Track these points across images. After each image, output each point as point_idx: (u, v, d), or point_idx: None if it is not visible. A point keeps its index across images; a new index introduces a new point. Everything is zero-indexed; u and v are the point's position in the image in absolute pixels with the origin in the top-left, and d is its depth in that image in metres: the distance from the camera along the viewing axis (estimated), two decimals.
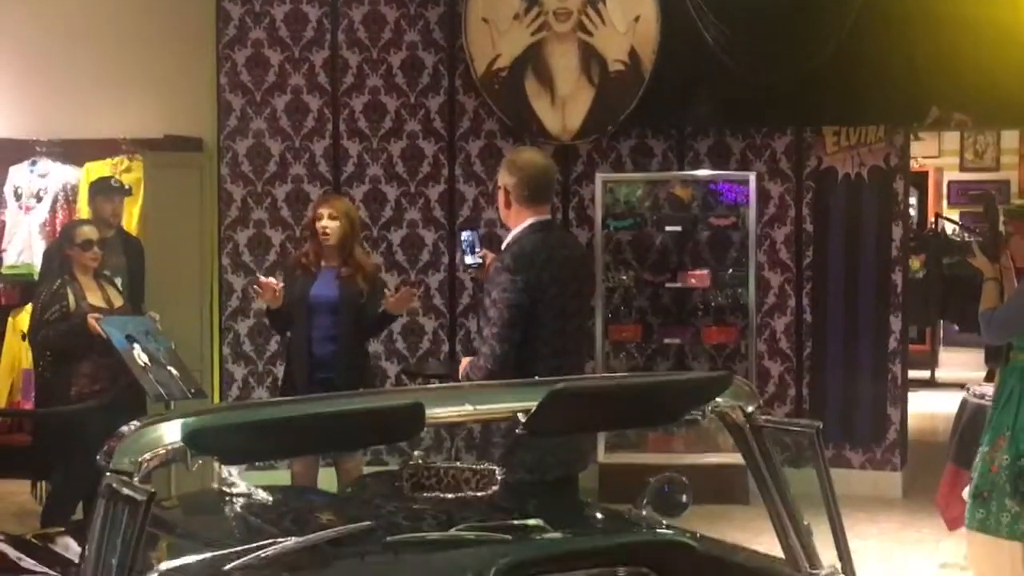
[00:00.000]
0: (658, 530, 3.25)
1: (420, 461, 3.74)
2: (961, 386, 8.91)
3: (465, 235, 5.51)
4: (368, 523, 3.27)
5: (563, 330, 4.81)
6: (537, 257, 4.70)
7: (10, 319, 8.37)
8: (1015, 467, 5.15)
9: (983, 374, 11.14)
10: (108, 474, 2.37)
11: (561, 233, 5.71)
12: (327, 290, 6.23)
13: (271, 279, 6.29)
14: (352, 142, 8.61)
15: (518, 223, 4.79)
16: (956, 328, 13.26)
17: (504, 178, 4.84)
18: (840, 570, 2.90)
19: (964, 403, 6.19)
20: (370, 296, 6.30)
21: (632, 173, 8.60)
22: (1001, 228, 5.57)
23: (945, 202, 15.08)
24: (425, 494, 3.59)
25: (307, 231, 6.65)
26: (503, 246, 4.87)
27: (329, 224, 6.23)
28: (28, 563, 3.37)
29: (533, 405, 2.70)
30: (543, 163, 5.02)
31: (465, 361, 4.95)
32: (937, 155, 14.80)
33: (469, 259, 5.39)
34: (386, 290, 6.30)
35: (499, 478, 3.46)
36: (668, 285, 8.35)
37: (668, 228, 8.38)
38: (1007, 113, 8.71)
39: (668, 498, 3.29)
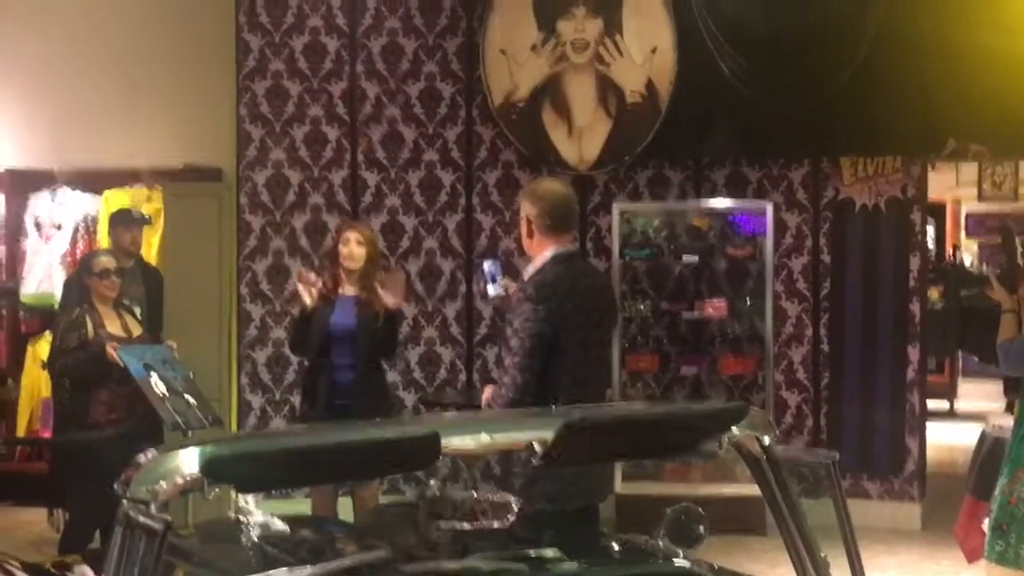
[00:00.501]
0: (675, 561, 3.24)
1: (437, 491, 3.74)
2: (980, 417, 8.90)
3: (487, 265, 5.48)
4: (384, 553, 3.27)
5: (585, 359, 4.81)
6: (560, 287, 4.70)
7: (30, 347, 8.40)
8: None
9: (1003, 405, 11.11)
10: (125, 502, 2.38)
11: (583, 263, 5.71)
12: (345, 318, 6.24)
13: (312, 275, 6.30)
14: (370, 172, 8.64)
15: (540, 253, 4.79)
16: (975, 359, 13.23)
17: (526, 208, 4.85)
18: None
19: (983, 435, 6.17)
20: (388, 322, 6.32)
21: (649, 203, 8.60)
22: (1019, 260, 5.55)
23: (963, 233, 15.06)
24: (441, 524, 3.58)
25: (327, 258, 6.66)
26: (526, 276, 4.86)
27: (356, 250, 6.26)
28: None
29: (550, 435, 2.70)
30: (564, 192, 5.01)
31: (488, 390, 4.95)
32: (955, 186, 14.79)
33: (492, 289, 5.39)
34: (376, 283, 6.28)
35: (516, 508, 3.46)
36: (685, 315, 8.34)
37: (685, 258, 8.37)
38: None
39: (685, 529, 3.27)
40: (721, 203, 8.47)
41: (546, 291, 4.67)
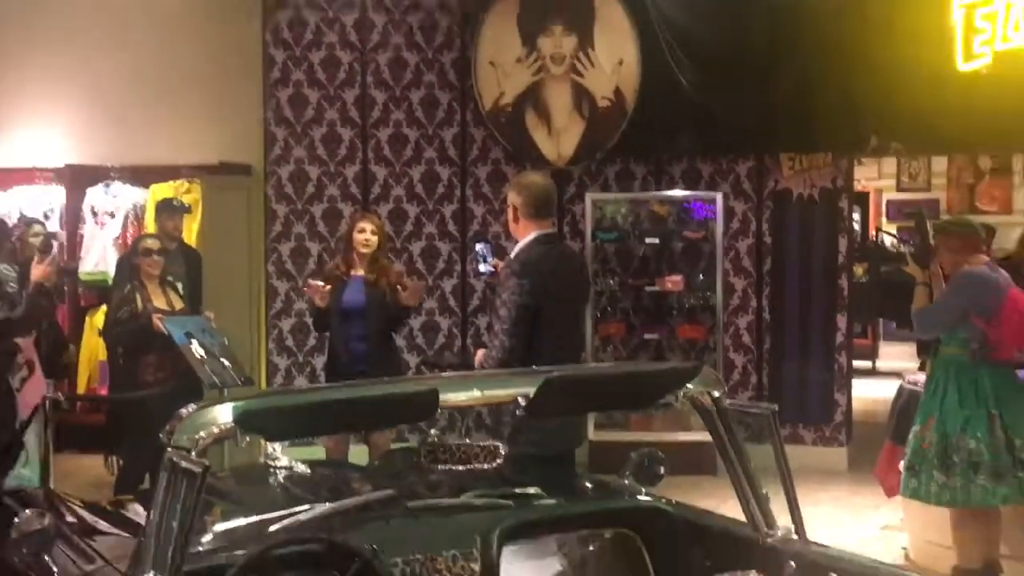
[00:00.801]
0: (639, 497, 3.25)
1: (436, 439, 3.75)
2: (898, 374, 8.90)
3: (479, 247, 5.52)
4: (391, 491, 3.28)
5: (563, 326, 4.82)
6: (542, 264, 4.69)
7: (88, 318, 8.39)
8: (942, 444, 5.16)
9: (917, 364, 11.15)
10: (170, 450, 2.39)
11: (562, 244, 5.71)
12: (356, 297, 6.22)
13: (318, 282, 6.30)
14: (379, 167, 8.62)
15: (525, 235, 4.78)
16: (893, 325, 13.26)
17: (512, 197, 4.84)
18: (793, 532, 2.90)
19: (900, 389, 6.19)
20: (394, 299, 6.32)
21: (617, 193, 8.59)
22: (930, 240, 5.55)
23: (884, 218, 15.08)
24: (440, 467, 3.59)
25: (342, 243, 6.64)
26: (512, 255, 4.85)
27: (371, 238, 6.26)
28: (103, 526, 3.38)
29: (531, 391, 2.71)
30: (545, 183, 4.99)
31: (480, 353, 4.94)
32: (877, 177, 14.81)
33: (483, 267, 5.42)
34: (398, 285, 6.29)
35: (503, 453, 3.47)
36: (648, 289, 8.33)
37: (648, 240, 8.37)
38: (936, 141, 8.72)
39: (647, 470, 3.29)
40: (678, 193, 8.47)
41: (530, 268, 4.67)
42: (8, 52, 8.57)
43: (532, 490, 3.31)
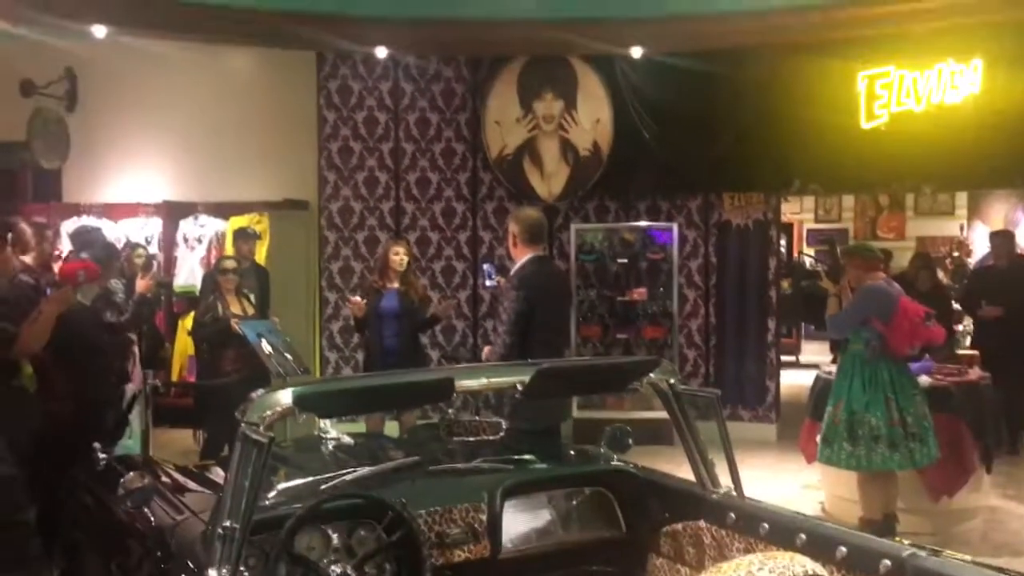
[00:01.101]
0: (612, 463, 3.24)
1: (453, 416, 3.74)
2: (816, 366, 8.92)
3: (486, 266, 5.71)
4: (417, 458, 3.27)
5: (551, 328, 4.84)
6: (535, 279, 4.73)
7: (180, 322, 8.38)
8: (849, 421, 5.16)
9: (830, 359, 11.14)
10: (243, 424, 2.38)
11: (551, 264, 5.72)
12: (392, 304, 6.23)
13: (357, 298, 6.31)
14: (408, 203, 8.62)
15: (521, 256, 4.82)
16: (812, 327, 13.25)
17: (512, 227, 4.89)
18: (733, 490, 2.90)
19: (817, 378, 6.19)
20: (420, 306, 6.33)
21: (595, 224, 8.59)
22: (840, 261, 5.55)
23: (804, 243, 15.08)
24: (456, 438, 3.58)
25: (380, 262, 6.65)
26: (512, 272, 4.89)
27: (403, 258, 6.30)
28: (191, 485, 3.38)
29: (527, 378, 2.71)
30: (538, 216, 5.05)
31: (487, 349, 5.00)
32: (799, 211, 14.82)
33: (489, 282, 5.54)
34: (433, 300, 6.32)
35: (504, 427, 3.46)
36: (619, 299, 8.32)
37: (619, 260, 8.35)
38: (845, 183, 8.75)
39: (618, 441, 3.28)
40: (643, 224, 8.45)
41: (525, 282, 4.69)
42: (119, 110, 8.59)
43: (528, 457, 3.31)
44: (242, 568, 2.32)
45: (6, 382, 4.51)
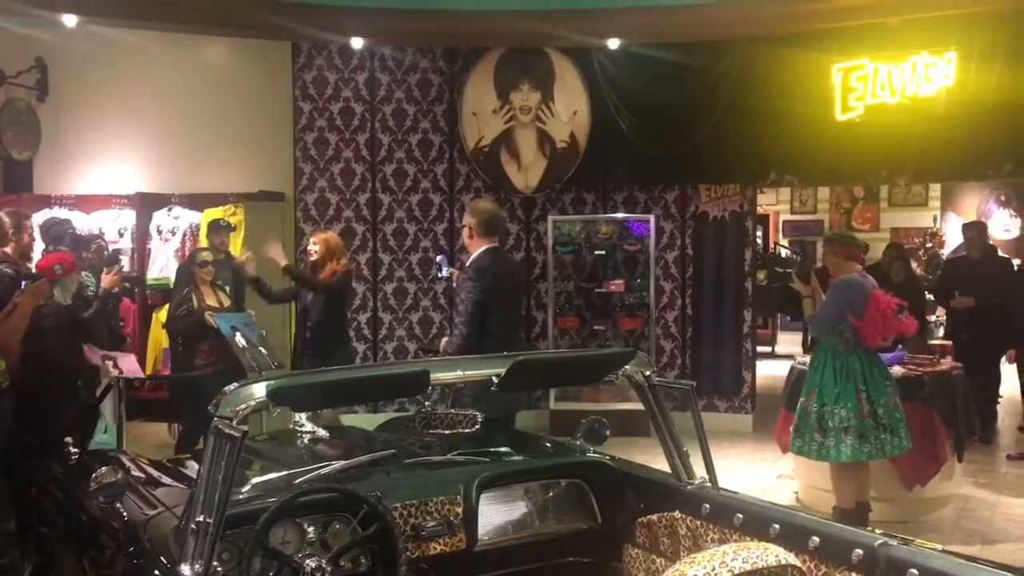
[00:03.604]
0: (588, 454, 3.25)
1: (428, 409, 3.73)
2: (790, 357, 8.98)
3: (440, 258, 5.80)
4: (393, 450, 3.27)
5: (507, 317, 4.89)
6: (490, 270, 4.78)
7: (154, 314, 8.31)
8: (820, 413, 5.19)
9: (803, 349, 11.21)
10: (216, 418, 2.36)
11: (505, 255, 5.75)
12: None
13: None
14: (384, 195, 8.59)
15: (477, 248, 4.88)
16: (788, 318, 13.34)
17: (468, 219, 4.94)
18: (708, 481, 2.91)
19: (792, 368, 6.22)
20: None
21: (572, 216, 8.60)
22: (809, 265, 5.60)
23: (781, 235, 15.17)
24: (431, 431, 3.58)
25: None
26: (467, 263, 4.94)
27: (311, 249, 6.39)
28: (165, 479, 3.36)
29: (502, 371, 2.70)
30: (494, 209, 5.12)
31: (444, 340, 5.08)
32: (775, 203, 14.90)
33: (442, 273, 5.59)
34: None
35: (480, 420, 3.45)
36: (596, 290, 8.35)
37: (596, 252, 8.39)
38: (821, 175, 8.78)
39: (595, 433, 3.29)
40: (620, 215, 8.48)
41: (481, 273, 4.76)
42: (91, 100, 8.49)
43: (504, 449, 3.31)
44: (215, 563, 2.31)
45: None
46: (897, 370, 5.58)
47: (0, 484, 4.11)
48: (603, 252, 8.36)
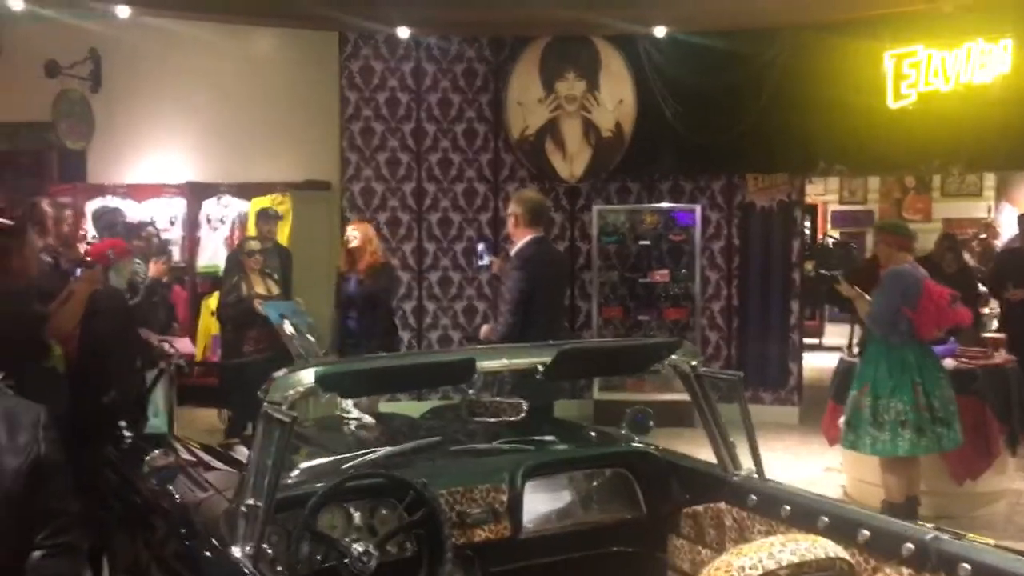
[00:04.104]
0: (632, 444, 3.24)
1: (473, 397, 3.74)
2: (839, 349, 8.87)
3: (481, 246, 5.80)
4: (438, 438, 3.29)
5: (551, 307, 4.92)
6: (535, 259, 4.81)
7: (203, 302, 8.44)
8: (874, 406, 5.12)
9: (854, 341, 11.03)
10: (266, 404, 2.39)
11: (550, 244, 5.74)
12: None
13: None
14: (430, 184, 8.61)
15: (522, 238, 4.90)
16: (836, 310, 13.15)
17: (514, 208, 4.96)
18: (755, 472, 2.89)
19: (841, 360, 6.16)
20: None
21: (617, 205, 8.56)
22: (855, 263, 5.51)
23: (829, 225, 14.95)
24: (476, 419, 3.59)
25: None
26: (512, 253, 4.95)
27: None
28: (215, 462, 3.41)
29: (548, 360, 2.70)
30: (540, 198, 5.17)
31: (486, 327, 5.09)
32: (824, 193, 14.68)
33: (483, 262, 5.60)
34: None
35: (525, 408, 3.45)
36: (641, 280, 8.31)
37: (641, 242, 8.34)
38: (871, 164, 8.62)
39: (639, 423, 3.27)
40: (665, 205, 8.43)
41: (527, 262, 4.79)
42: (143, 90, 8.61)
43: (549, 437, 3.31)
44: (265, 545, 2.34)
45: (38, 363, 4.55)
46: (949, 363, 5.48)
47: (67, 464, 4.19)
48: (648, 242, 8.31)
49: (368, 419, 3.70)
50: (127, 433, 3.73)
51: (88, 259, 5.03)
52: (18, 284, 4.56)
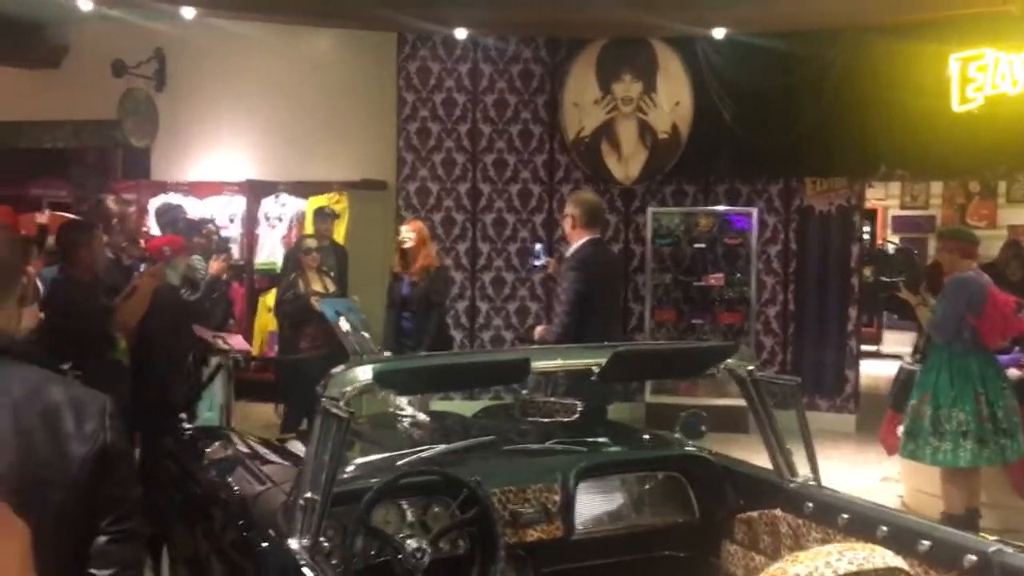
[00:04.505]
0: (686, 448, 3.22)
1: (527, 397, 3.75)
2: (898, 357, 8.70)
3: (539, 246, 5.82)
4: (492, 437, 3.30)
5: (606, 308, 4.91)
6: (591, 261, 4.81)
7: (261, 298, 8.56)
8: (935, 416, 5.02)
9: (911, 349, 10.81)
10: (323, 399, 2.43)
11: (606, 246, 5.75)
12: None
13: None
14: (485, 185, 8.64)
15: (579, 239, 4.89)
16: (895, 317, 12.90)
17: (571, 209, 4.95)
18: (811, 479, 2.85)
19: (900, 368, 6.06)
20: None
21: (672, 208, 8.50)
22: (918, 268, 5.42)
23: (890, 230, 14.66)
24: (529, 419, 3.60)
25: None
26: (568, 254, 4.95)
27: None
28: (272, 456, 3.46)
29: (603, 361, 2.70)
30: (597, 201, 5.21)
31: (540, 328, 5.08)
32: (884, 197, 14.40)
33: (538, 262, 5.57)
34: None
35: (579, 409, 3.45)
36: (695, 284, 8.24)
37: (696, 245, 8.28)
38: (934, 168, 8.49)
39: (692, 427, 3.26)
40: (721, 208, 8.35)
41: (583, 263, 4.78)
42: (205, 90, 8.79)
43: (602, 439, 3.31)
44: (321, 539, 2.38)
45: (104, 355, 4.68)
46: (1013, 373, 5.35)
47: (131, 451, 4.30)
48: (703, 245, 8.24)
49: (422, 417, 3.73)
50: (186, 425, 3.80)
51: (150, 255, 5.15)
52: (86, 277, 4.71)
